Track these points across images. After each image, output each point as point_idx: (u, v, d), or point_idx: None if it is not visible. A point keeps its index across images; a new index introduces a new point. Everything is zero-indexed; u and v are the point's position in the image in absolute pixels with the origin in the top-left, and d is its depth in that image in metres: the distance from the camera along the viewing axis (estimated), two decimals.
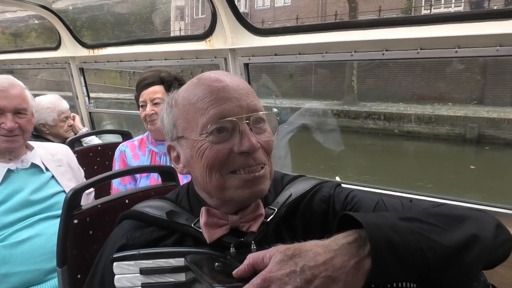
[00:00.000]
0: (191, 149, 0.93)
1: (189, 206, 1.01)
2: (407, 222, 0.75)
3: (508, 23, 1.60)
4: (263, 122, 0.94)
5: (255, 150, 0.88)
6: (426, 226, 0.76)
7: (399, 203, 0.99)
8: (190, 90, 0.94)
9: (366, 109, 13.63)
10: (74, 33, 3.51)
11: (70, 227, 1.33)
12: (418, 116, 12.41)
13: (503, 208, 1.70)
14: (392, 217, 0.77)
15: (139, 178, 2.03)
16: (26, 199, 1.77)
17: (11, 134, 1.78)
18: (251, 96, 0.93)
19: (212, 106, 0.89)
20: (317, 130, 9.22)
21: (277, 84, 14.83)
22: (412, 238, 0.72)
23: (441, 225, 0.77)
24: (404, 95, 14.11)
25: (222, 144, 0.88)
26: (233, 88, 0.91)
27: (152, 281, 0.87)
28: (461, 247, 0.74)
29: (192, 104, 0.91)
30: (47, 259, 1.68)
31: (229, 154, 0.89)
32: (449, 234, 0.76)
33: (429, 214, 0.81)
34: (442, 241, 0.74)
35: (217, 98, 0.89)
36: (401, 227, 0.73)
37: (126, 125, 5.05)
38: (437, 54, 1.73)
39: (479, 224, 0.81)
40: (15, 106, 1.79)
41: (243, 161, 0.89)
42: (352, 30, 1.94)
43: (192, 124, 0.92)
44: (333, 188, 1.05)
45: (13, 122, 1.77)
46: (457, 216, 0.82)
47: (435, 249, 0.72)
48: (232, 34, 2.37)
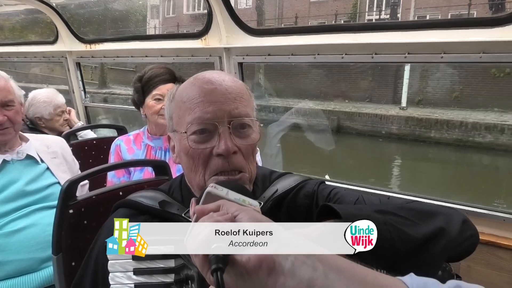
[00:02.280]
0: (179, 143, 1.00)
1: (181, 197, 1.06)
2: (381, 214, 0.81)
3: (492, 31, 1.67)
4: (248, 127, 0.97)
5: (229, 153, 0.92)
6: (398, 218, 0.82)
7: (377, 200, 1.04)
8: (185, 89, 0.99)
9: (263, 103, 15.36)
10: (72, 28, 3.54)
11: (65, 216, 1.38)
12: (297, 110, 14.02)
13: (470, 206, 1.81)
14: (368, 209, 0.83)
15: (133, 172, 2.07)
16: (21, 189, 1.80)
17: (1, 127, 1.79)
18: (238, 101, 0.96)
19: (198, 107, 0.94)
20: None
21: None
22: (385, 228, 0.78)
23: (412, 218, 0.83)
24: (311, 94, 16.17)
25: (202, 144, 0.93)
26: (221, 92, 0.95)
27: (143, 267, 0.92)
28: (428, 238, 0.81)
29: (183, 103, 0.97)
30: (41, 248, 1.72)
31: (209, 155, 0.94)
32: (418, 227, 0.82)
33: (401, 209, 0.87)
34: (412, 232, 0.80)
35: (204, 100, 0.94)
36: (375, 218, 0.78)
37: (122, 120, 5.09)
38: (424, 59, 1.80)
39: (447, 219, 0.87)
40: (1, 99, 1.79)
41: (219, 165, 0.93)
42: (344, 33, 2.00)
43: (182, 121, 0.97)
44: (317, 184, 1.10)
45: (1, 116, 1.78)
46: (427, 211, 0.88)
47: (404, 239, 0.78)
48: (227, 33, 2.42)
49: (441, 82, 14.30)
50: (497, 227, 1.79)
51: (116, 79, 19.94)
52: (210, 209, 0.67)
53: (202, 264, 0.61)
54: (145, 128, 2.21)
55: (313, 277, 0.55)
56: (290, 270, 0.56)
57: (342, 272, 0.55)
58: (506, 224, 1.77)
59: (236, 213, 0.64)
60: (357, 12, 18.07)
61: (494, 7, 2.44)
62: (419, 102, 14.61)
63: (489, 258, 1.76)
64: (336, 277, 0.55)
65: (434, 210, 0.89)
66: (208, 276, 0.60)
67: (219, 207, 0.67)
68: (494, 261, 1.75)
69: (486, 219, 1.80)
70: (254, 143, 0.99)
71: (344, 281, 0.54)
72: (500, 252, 1.75)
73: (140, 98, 2.11)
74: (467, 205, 1.84)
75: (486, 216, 1.81)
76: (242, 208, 0.65)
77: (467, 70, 13.48)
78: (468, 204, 1.84)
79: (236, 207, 0.66)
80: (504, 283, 1.72)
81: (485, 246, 1.75)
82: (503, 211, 1.80)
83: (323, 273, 0.55)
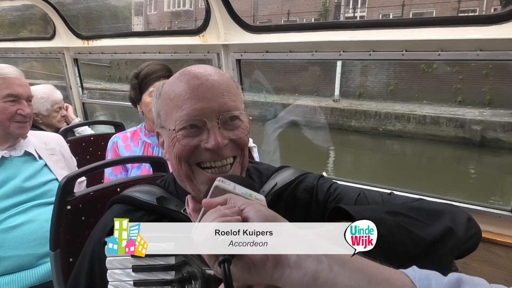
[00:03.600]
0: (168, 139, 0.99)
1: (176, 192, 1.06)
2: (392, 216, 0.82)
3: (489, 29, 1.68)
4: (237, 119, 0.97)
5: (219, 148, 0.92)
6: (408, 220, 0.83)
7: (379, 196, 1.04)
8: (171, 85, 0.99)
9: None
10: (69, 24, 3.53)
11: (63, 212, 1.38)
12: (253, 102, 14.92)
13: (472, 204, 1.83)
14: (379, 211, 0.84)
15: (130, 169, 2.07)
16: (19, 186, 1.80)
17: (25, 120, 1.86)
18: (226, 96, 0.96)
19: (185, 104, 0.93)
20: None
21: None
22: (397, 231, 0.79)
23: (421, 219, 0.85)
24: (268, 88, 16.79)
25: (190, 139, 0.93)
26: (207, 87, 0.94)
27: (142, 264, 0.91)
28: (438, 239, 0.82)
29: (171, 100, 0.96)
30: (39, 244, 1.73)
31: (196, 148, 0.94)
32: (428, 228, 0.83)
33: (410, 209, 0.88)
34: (422, 234, 0.81)
35: (191, 97, 0.93)
36: (387, 221, 0.80)
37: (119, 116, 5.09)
38: (421, 56, 1.80)
39: (453, 218, 0.88)
40: (28, 93, 1.89)
41: (208, 156, 0.94)
42: (341, 31, 2.00)
43: (170, 117, 0.97)
44: (316, 179, 1.10)
45: (29, 108, 1.87)
46: (435, 211, 0.89)
47: (415, 241, 0.80)
48: (225, 30, 2.42)
49: (379, 77, 15.13)
50: (493, 223, 1.80)
51: (92, 74, 20.07)
52: (218, 202, 0.68)
53: (209, 256, 0.62)
54: (142, 125, 2.20)
55: (318, 270, 0.57)
56: (295, 263, 0.58)
57: (346, 265, 0.57)
58: (502, 221, 1.78)
59: (243, 207, 0.65)
60: (328, 10, 18.53)
61: (505, 1, 2.48)
62: (360, 95, 15.43)
63: (485, 255, 1.77)
64: (341, 270, 0.56)
65: (441, 209, 0.90)
66: (215, 268, 0.61)
67: (226, 201, 0.68)
68: (490, 257, 1.77)
69: (482, 216, 1.81)
70: (245, 134, 0.99)
71: (348, 273, 0.56)
72: (496, 249, 1.76)
73: (137, 95, 2.10)
74: (463, 201, 1.86)
75: (482, 213, 1.82)
76: (249, 202, 0.66)
77: (401, 65, 14.30)
78: (464, 201, 1.86)
79: (243, 201, 0.66)
80: (500, 279, 1.73)
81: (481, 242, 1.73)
82: (499, 208, 1.81)
83: (328, 266, 0.57)
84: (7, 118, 1.81)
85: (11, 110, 1.81)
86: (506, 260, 1.74)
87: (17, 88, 1.83)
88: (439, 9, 14.80)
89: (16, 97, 1.83)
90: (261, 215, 0.63)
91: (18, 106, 1.83)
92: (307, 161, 9.89)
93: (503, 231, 1.79)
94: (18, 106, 1.83)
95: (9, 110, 1.81)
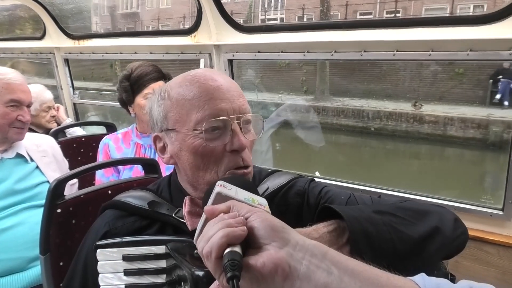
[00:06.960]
0: (180, 142, 0.95)
1: (169, 197, 1.05)
2: (380, 215, 0.83)
3: (479, 29, 1.69)
4: (249, 123, 0.98)
5: (244, 149, 0.93)
6: (396, 219, 0.84)
7: (368, 198, 1.05)
8: (185, 86, 0.96)
9: None
10: (60, 24, 3.50)
11: (53, 215, 1.37)
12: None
13: (458, 202, 1.87)
14: (367, 210, 0.85)
15: (122, 170, 2.06)
16: (10, 188, 1.79)
17: (23, 126, 1.87)
18: (242, 98, 0.97)
19: (208, 104, 0.92)
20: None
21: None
22: (385, 229, 0.80)
23: (409, 218, 0.85)
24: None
25: (215, 141, 0.92)
26: (226, 89, 0.94)
27: (134, 267, 0.92)
28: (425, 237, 0.83)
29: (188, 100, 0.94)
30: (30, 247, 1.71)
31: (222, 152, 0.93)
32: (415, 227, 0.84)
33: (398, 208, 0.89)
34: (410, 232, 0.82)
35: (213, 97, 0.92)
36: (375, 220, 0.81)
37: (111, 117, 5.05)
38: (412, 57, 1.81)
39: (440, 217, 0.89)
40: (29, 100, 1.91)
41: (233, 160, 0.93)
42: (333, 31, 2.00)
43: (185, 119, 0.94)
44: (307, 182, 1.10)
45: (28, 115, 1.89)
46: (422, 211, 0.90)
47: (403, 239, 0.80)
48: (217, 30, 2.41)
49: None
50: (484, 222, 1.82)
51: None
52: (221, 210, 0.66)
53: (214, 268, 0.60)
54: (133, 126, 2.19)
55: (328, 282, 0.56)
56: (305, 274, 0.57)
57: (356, 275, 0.56)
58: (493, 220, 1.80)
59: (247, 215, 0.64)
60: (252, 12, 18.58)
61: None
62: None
63: (477, 254, 1.78)
64: (351, 280, 0.56)
65: (428, 209, 0.91)
66: (221, 281, 0.60)
67: (229, 208, 0.66)
68: (481, 256, 1.78)
69: (474, 215, 1.83)
70: (256, 138, 1.00)
71: (359, 284, 0.55)
72: (487, 247, 1.78)
73: (129, 97, 2.08)
74: (455, 201, 1.88)
75: (473, 211, 1.84)
76: (253, 210, 0.65)
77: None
78: (455, 200, 1.88)
79: (247, 209, 0.65)
80: (491, 278, 1.75)
81: (473, 241, 1.78)
82: (490, 206, 1.83)
83: (338, 277, 0.56)
84: (7, 123, 1.82)
85: (11, 116, 1.82)
86: (498, 259, 1.76)
87: (20, 94, 1.84)
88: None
89: (18, 103, 1.84)
90: (267, 224, 0.61)
91: (19, 112, 1.84)
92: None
93: (494, 229, 1.80)
94: (18, 112, 1.84)
95: (10, 116, 1.82)
